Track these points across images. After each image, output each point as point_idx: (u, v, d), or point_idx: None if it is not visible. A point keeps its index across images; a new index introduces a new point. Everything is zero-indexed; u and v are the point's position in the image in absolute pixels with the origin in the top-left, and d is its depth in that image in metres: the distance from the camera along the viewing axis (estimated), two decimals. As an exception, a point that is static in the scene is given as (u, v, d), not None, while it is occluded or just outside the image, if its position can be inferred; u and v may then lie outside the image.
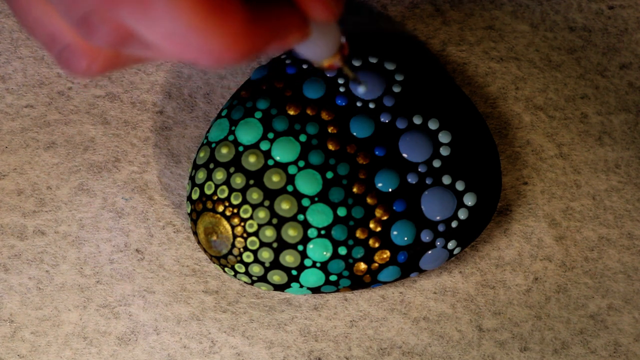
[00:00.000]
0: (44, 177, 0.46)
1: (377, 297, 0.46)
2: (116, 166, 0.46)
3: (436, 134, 0.42)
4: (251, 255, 0.41)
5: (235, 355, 0.45)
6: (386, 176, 0.42)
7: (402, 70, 0.43)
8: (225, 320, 0.46)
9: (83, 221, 0.46)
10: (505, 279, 0.46)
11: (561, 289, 0.46)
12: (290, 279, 0.42)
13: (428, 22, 0.46)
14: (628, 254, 0.46)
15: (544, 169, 0.46)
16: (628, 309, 0.45)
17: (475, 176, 0.42)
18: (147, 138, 0.46)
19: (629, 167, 0.46)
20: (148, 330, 0.45)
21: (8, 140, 0.46)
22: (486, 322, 0.46)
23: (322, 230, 0.41)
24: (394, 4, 0.46)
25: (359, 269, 0.42)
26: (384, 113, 0.42)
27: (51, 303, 0.46)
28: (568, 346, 0.45)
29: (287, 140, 0.42)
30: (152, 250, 0.46)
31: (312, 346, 0.45)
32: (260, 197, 0.41)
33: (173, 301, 0.46)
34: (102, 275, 0.46)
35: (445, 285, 0.46)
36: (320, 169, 0.41)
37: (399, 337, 0.45)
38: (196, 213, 0.42)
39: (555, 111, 0.46)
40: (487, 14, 0.46)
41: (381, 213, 0.41)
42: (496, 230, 0.46)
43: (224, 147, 0.42)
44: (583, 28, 0.46)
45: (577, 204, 0.46)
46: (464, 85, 0.46)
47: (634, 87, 0.46)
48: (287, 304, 0.46)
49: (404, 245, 0.42)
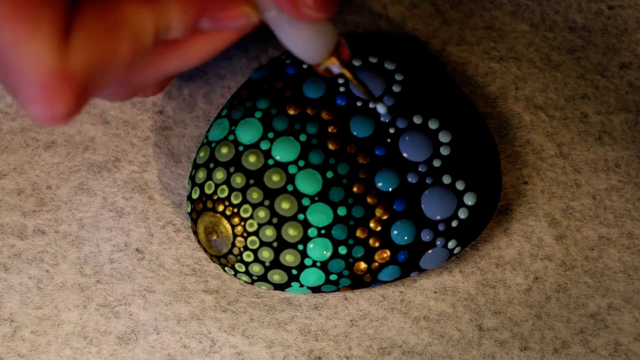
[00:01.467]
0: (44, 176, 0.46)
1: (377, 296, 0.46)
2: (116, 166, 0.46)
3: (436, 134, 0.42)
4: (251, 254, 0.41)
5: (235, 354, 0.45)
6: (386, 176, 0.42)
7: (402, 70, 0.43)
8: (226, 320, 0.45)
9: (83, 221, 0.46)
10: (506, 278, 0.46)
11: (561, 288, 0.46)
12: (291, 279, 0.42)
13: (428, 22, 0.46)
14: (628, 253, 0.46)
15: (544, 169, 0.46)
16: (628, 308, 0.45)
17: (475, 176, 0.42)
18: (147, 138, 0.46)
19: (629, 167, 0.46)
20: (148, 329, 0.45)
21: (8, 140, 0.46)
22: (486, 322, 0.45)
23: (322, 230, 0.41)
24: (394, 4, 0.46)
25: (359, 268, 0.42)
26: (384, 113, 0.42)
27: (51, 302, 0.46)
28: (568, 345, 0.45)
29: (287, 140, 0.42)
30: (152, 249, 0.46)
31: (312, 345, 0.45)
32: (261, 196, 0.41)
33: (173, 301, 0.46)
34: (102, 275, 0.46)
35: (445, 284, 0.46)
36: (320, 169, 0.41)
37: (399, 336, 0.45)
38: (196, 212, 0.42)
39: (555, 111, 0.46)
40: (487, 14, 0.46)
41: (381, 212, 0.41)
42: (496, 230, 0.46)
43: (224, 147, 0.42)
44: (583, 28, 0.46)
45: (577, 204, 0.46)
46: (464, 85, 0.46)
47: (634, 87, 0.46)
48: (287, 303, 0.46)
49: (404, 245, 0.42)
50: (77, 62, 0.27)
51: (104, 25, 0.28)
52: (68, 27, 0.27)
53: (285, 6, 0.30)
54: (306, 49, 0.34)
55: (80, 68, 0.27)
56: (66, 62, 0.27)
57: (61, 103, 0.27)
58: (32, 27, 0.26)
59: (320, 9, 0.31)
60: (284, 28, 0.33)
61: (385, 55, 0.43)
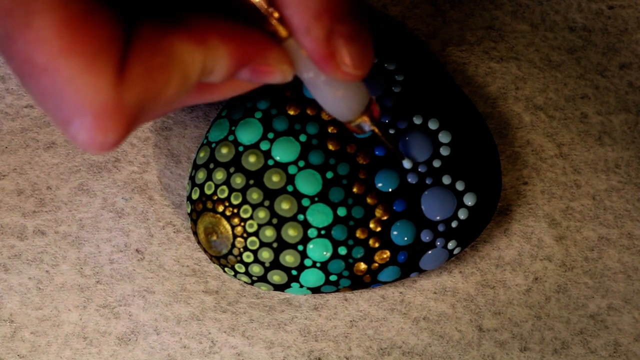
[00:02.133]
0: (44, 177, 0.46)
1: (377, 297, 0.46)
2: (116, 166, 0.46)
3: (436, 134, 0.42)
4: (251, 255, 0.41)
5: (235, 355, 0.45)
6: (386, 176, 0.42)
7: (402, 70, 0.43)
8: (225, 320, 0.46)
9: (83, 221, 0.46)
10: (505, 279, 0.46)
11: (561, 289, 0.46)
12: (290, 279, 0.42)
13: (428, 22, 0.46)
14: (628, 254, 0.46)
15: (544, 169, 0.46)
16: (628, 309, 0.45)
17: (475, 176, 0.42)
18: (147, 138, 0.46)
19: (629, 167, 0.46)
20: (148, 330, 0.45)
21: (8, 140, 0.46)
22: (486, 322, 0.46)
23: (322, 230, 0.41)
24: (394, 4, 0.46)
25: (359, 269, 0.42)
26: (384, 113, 0.42)
27: (51, 303, 0.46)
28: (568, 346, 0.45)
29: (287, 140, 0.42)
30: (152, 250, 0.46)
31: (312, 346, 0.45)
32: (260, 197, 0.41)
33: (173, 301, 0.46)
34: (102, 275, 0.46)
35: (445, 285, 0.46)
36: (320, 169, 0.41)
37: (399, 337, 0.45)
38: (196, 213, 0.42)
39: (555, 111, 0.46)
40: (487, 14, 0.46)
41: (381, 213, 0.41)
42: (496, 230, 0.46)
43: (224, 147, 0.42)
44: (583, 28, 0.46)
45: (577, 204, 0.46)
46: (464, 85, 0.46)
47: (634, 87, 0.46)
48: (287, 304, 0.46)
49: (404, 245, 0.42)
50: (131, 95, 0.28)
51: (158, 61, 0.28)
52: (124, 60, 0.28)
53: (324, 66, 0.31)
54: (341, 108, 0.35)
55: (133, 101, 0.28)
56: (121, 95, 0.28)
57: (113, 134, 0.28)
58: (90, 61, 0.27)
59: (358, 67, 0.31)
60: (319, 88, 0.34)
61: (385, 55, 0.43)
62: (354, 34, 0.31)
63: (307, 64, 0.32)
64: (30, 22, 0.26)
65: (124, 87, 0.28)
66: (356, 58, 0.31)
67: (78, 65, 0.27)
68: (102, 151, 0.29)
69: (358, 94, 0.35)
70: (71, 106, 0.27)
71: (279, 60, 0.31)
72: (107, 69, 0.27)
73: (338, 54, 0.31)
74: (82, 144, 0.28)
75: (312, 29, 0.30)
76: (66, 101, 0.27)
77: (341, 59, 0.31)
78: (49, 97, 0.27)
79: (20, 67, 0.27)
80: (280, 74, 0.32)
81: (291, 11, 0.30)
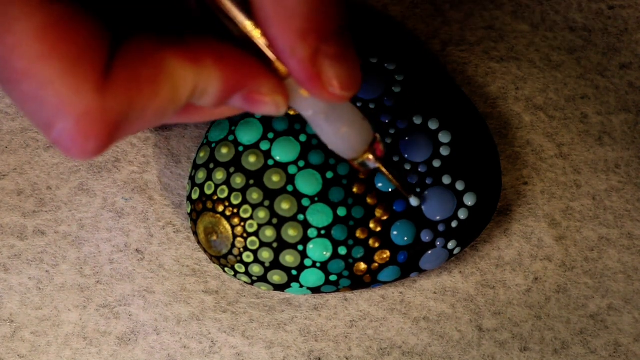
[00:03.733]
0: (44, 177, 0.46)
1: (377, 297, 0.46)
2: (116, 166, 0.46)
3: (436, 134, 0.42)
4: (251, 255, 0.41)
5: (235, 355, 0.45)
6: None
7: (402, 70, 0.43)
8: (225, 320, 0.46)
9: (83, 221, 0.46)
10: (505, 279, 0.46)
11: (561, 289, 0.46)
12: (290, 279, 0.42)
13: (428, 22, 0.46)
14: (628, 254, 0.46)
15: (544, 169, 0.46)
16: (628, 309, 0.45)
17: (475, 176, 0.42)
18: (147, 138, 0.46)
19: (629, 167, 0.46)
20: (148, 330, 0.45)
21: (8, 140, 0.46)
22: (486, 322, 0.46)
23: (322, 230, 0.41)
24: (394, 4, 0.46)
25: (359, 269, 0.42)
26: (384, 113, 0.42)
27: (51, 303, 0.46)
28: (568, 346, 0.45)
29: (287, 140, 0.42)
30: (152, 250, 0.46)
31: (312, 346, 0.45)
32: (260, 197, 0.41)
33: (173, 301, 0.46)
34: (102, 275, 0.46)
35: (445, 285, 0.46)
36: (320, 169, 0.41)
37: (399, 337, 0.45)
38: (196, 213, 0.42)
39: (555, 111, 0.46)
40: (487, 14, 0.46)
41: (381, 213, 0.41)
42: (496, 230, 0.46)
43: (224, 147, 0.42)
44: (583, 28, 0.46)
45: (577, 204, 0.46)
46: (464, 85, 0.46)
47: (634, 87, 0.46)
48: (287, 304, 0.46)
49: (404, 245, 0.42)
50: (115, 102, 0.28)
51: (147, 72, 0.28)
52: (109, 66, 0.28)
53: (310, 87, 0.31)
54: (344, 145, 0.34)
55: (117, 108, 0.28)
56: (104, 100, 0.27)
57: (94, 140, 0.28)
58: (72, 64, 0.27)
59: (345, 88, 0.31)
60: (321, 125, 0.33)
61: (385, 55, 0.43)
62: (341, 53, 0.30)
63: (307, 102, 0.32)
64: (10, 27, 0.26)
65: (108, 93, 0.27)
66: (343, 78, 0.30)
67: (59, 69, 0.27)
68: (85, 157, 0.28)
69: (362, 131, 0.34)
70: (52, 109, 0.27)
71: (273, 90, 0.31)
72: (89, 72, 0.27)
73: (324, 75, 0.30)
74: (64, 149, 0.28)
75: (297, 50, 0.29)
76: (47, 104, 0.27)
77: (328, 80, 0.30)
78: (30, 101, 0.27)
79: (0, 73, 0.27)
80: (273, 105, 0.31)
81: (275, 31, 0.29)
